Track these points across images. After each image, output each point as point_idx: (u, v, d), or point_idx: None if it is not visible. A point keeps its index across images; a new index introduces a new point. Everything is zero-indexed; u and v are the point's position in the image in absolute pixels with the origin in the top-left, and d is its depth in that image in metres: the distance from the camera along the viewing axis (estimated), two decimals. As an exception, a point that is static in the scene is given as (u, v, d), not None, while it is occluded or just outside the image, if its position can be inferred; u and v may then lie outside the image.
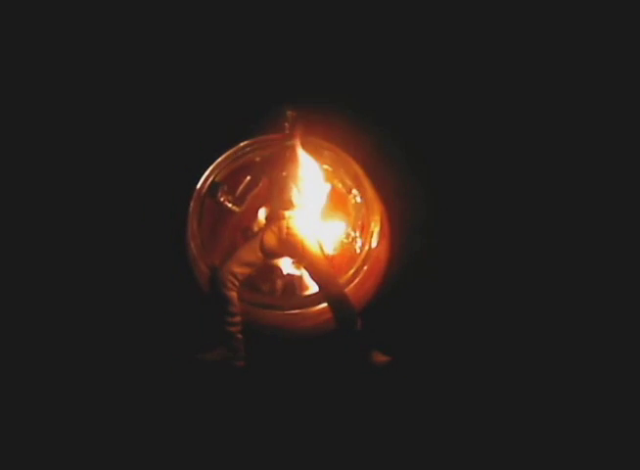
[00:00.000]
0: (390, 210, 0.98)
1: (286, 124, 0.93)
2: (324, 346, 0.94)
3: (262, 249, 0.89)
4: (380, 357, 0.88)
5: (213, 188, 0.93)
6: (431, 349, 0.94)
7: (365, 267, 0.91)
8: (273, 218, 0.91)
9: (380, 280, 0.97)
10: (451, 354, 0.94)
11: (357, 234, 0.90)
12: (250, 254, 0.89)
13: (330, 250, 0.91)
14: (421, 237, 1.01)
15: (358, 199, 0.92)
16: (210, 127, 1.04)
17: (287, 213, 0.90)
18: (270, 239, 0.90)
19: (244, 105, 1.05)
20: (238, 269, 0.88)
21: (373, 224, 0.91)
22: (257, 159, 0.97)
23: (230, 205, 0.95)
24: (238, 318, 0.88)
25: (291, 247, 0.89)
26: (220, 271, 0.87)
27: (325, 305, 0.90)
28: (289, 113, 0.93)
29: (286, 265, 0.93)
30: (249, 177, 0.97)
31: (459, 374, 0.93)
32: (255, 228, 0.95)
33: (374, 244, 0.91)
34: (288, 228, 0.89)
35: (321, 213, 0.91)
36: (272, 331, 0.93)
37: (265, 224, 0.92)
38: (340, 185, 0.94)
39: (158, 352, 0.94)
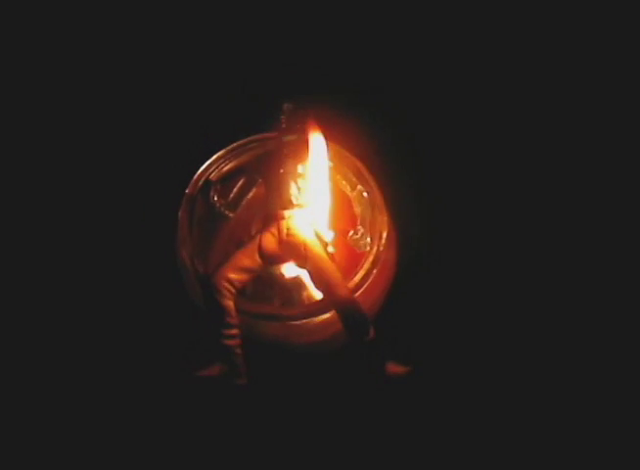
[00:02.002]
0: (396, 214, 0.91)
1: (282, 119, 0.86)
2: (333, 362, 0.85)
3: (261, 253, 0.81)
4: (396, 369, 0.79)
5: (206, 186, 0.85)
6: (448, 357, 0.86)
7: (374, 271, 0.83)
8: (271, 220, 0.83)
9: (389, 288, 0.88)
10: (468, 362, 0.86)
11: (366, 230, 0.82)
12: (247, 259, 0.80)
13: (335, 249, 0.83)
14: (428, 243, 0.93)
15: (365, 194, 0.84)
16: (201, 128, 0.96)
17: (286, 213, 0.82)
18: (269, 242, 0.81)
19: (237, 103, 0.97)
20: (234, 276, 0.79)
21: (381, 223, 0.84)
22: (252, 159, 0.89)
23: (223, 209, 0.88)
24: (236, 331, 0.79)
25: (292, 249, 0.81)
26: (215, 278, 0.79)
27: (331, 315, 0.81)
28: (285, 106, 0.86)
29: (287, 271, 0.85)
30: (242, 180, 0.90)
31: (478, 383, 0.85)
32: (252, 232, 0.87)
33: (382, 245, 0.83)
34: (288, 229, 0.81)
35: (325, 212, 0.83)
36: (274, 347, 0.85)
37: (263, 226, 0.84)
38: (343, 181, 0.86)
39: (146, 369, 0.85)
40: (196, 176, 0.88)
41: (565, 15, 1.01)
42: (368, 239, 0.83)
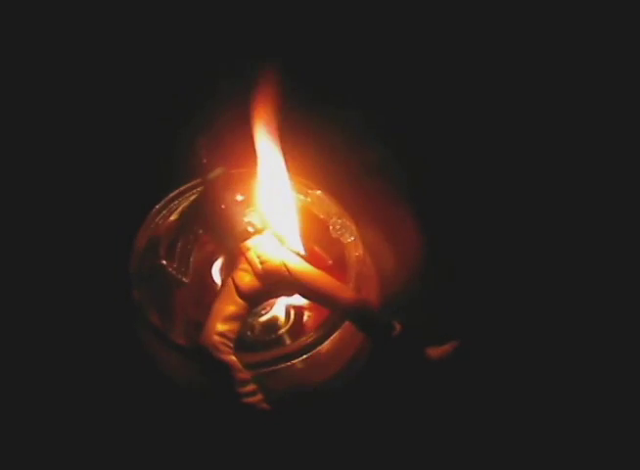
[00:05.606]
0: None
1: (201, 156, 0.77)
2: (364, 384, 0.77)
3: (240, 294, 0.71)
4: (438, 351, 0.70)
5: (150, 251, 0.75)
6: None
7: (364, 269, 0.75)
8: (235, 258, 0.73)
9: (380, 282, 0.81)
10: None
11: (343, 219, 0.74)
12: (229, 306, 0.70)
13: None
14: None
15: (319, 192, 0.76)
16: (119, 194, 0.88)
17: (249, 244, 0.73)
18: (244, 279, 0.71)
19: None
20: (224, 327, 0.69)
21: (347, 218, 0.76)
22: (184, 212, 0.80)
23: (176, 273, 0.77)
24: (252, 386, 0.67)
25: (274, 276, 0.71)
26: (205, 337, 0.68)
27: (344, 330, 0.72)
28: (199, 141, 0.77)
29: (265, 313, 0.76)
30: (180, 240, 0.80)
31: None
32: (217, 287, 0.77)
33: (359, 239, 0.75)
34: (259, 257, 0.72)
35: (290, 224, 0.75)
36: (295, 394, 0.74)
37: (229, 270, 0.74)
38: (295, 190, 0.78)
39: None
40: (134, 249, 0.77)
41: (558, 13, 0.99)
42: (351, 226, 0.75)
